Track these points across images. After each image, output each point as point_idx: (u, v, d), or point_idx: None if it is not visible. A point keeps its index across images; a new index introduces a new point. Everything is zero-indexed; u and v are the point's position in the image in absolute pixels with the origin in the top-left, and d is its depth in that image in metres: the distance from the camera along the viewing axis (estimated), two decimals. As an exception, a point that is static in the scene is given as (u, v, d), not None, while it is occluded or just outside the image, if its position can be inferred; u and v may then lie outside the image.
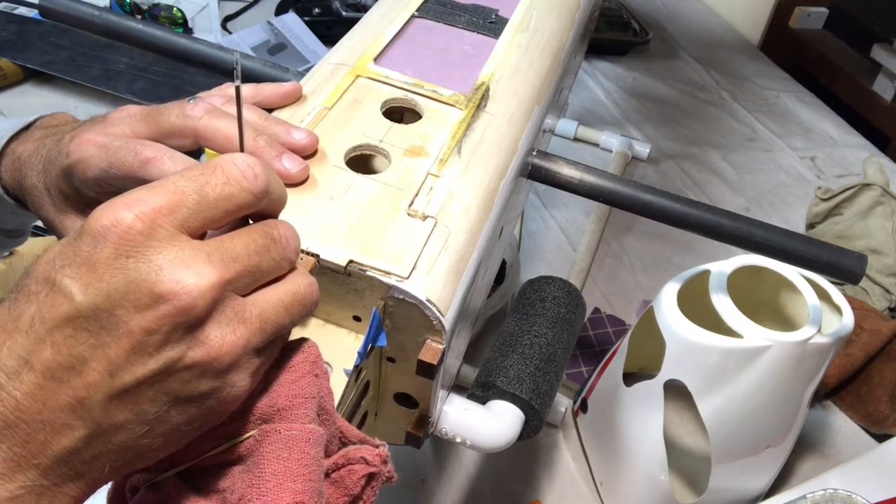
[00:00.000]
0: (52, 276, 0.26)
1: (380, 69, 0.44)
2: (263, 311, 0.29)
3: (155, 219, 0.26)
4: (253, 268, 0.28)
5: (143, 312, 0.25)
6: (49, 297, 0.26)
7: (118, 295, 0.25)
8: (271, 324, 0.29)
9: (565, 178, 0.49)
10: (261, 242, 0.29)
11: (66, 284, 0.25)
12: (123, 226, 0.26)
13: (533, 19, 0.52)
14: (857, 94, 1.41)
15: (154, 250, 0.26)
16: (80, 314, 0.25)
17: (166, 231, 0.26)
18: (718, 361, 0.57)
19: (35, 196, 0.41)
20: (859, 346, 0.79)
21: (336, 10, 1.21)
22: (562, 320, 0.48)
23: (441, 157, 0.40)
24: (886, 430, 0.78)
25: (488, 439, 0.42)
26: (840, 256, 0.47)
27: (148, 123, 0.39)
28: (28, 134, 0.43)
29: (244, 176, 0.28)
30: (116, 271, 0.25)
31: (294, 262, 0.31)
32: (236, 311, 0.28)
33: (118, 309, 0.25)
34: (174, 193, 0.27)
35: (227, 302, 0.27)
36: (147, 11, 1.15)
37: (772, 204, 1.11)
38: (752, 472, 0.65)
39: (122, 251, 0.26)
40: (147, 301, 0.25)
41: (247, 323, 0.28)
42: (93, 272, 0.25)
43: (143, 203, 0.26)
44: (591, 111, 1.24)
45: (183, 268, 0.26)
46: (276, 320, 0.29)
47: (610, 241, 0.99)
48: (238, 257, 0.28)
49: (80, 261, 0.26)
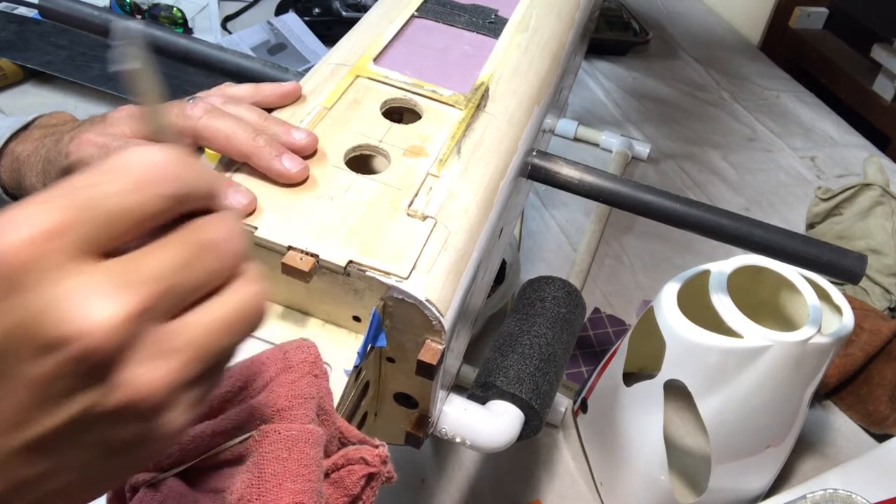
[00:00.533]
0: None
1: (379, 69, 0.44)
2: (194, 338, 0.23)
3: (43, 244, 0.21)
4: (176, 286, 0.23)
5: (40, 359, 0.21)
6: None
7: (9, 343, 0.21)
8: (206, 350, 0.24)
9: (565, 178, 0.49)
10: (185, 253, 0.23)
11: None
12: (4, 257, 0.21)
13: (533, 19, 0.52)
14: (857, 94, 1.41)
15: (46, 283, 0.21)
16: None
17: (58, 257, 0.21)
18: (718, 361, 0.57)
19: None
20: (859, 346, 0.79)
21: (336, 10, 1.21)
22: (562, 320, 0.48)
23: (441, 157, 0.40)
24: (886, 430, 0.78)
25: (488, 439, 0.42)
26: (840, 256, 0.47)
27: (147, 121, 0.39)
28: (27, 133, 0.43)
29: (154, 176, 0.23)
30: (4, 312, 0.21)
31: (235, 268, 0.25)
32: (158, 343, 0.23)
33: (10, 358, 0.21)
34: (66, 209, 0.21)
35: (144, 334, 0.22)
36: (147, 11, 1.15)
37: (772, 204, 1.11)
38: (752, 472, 0.65)
39: (7, 288, 0.21)
40: (43, 345, 0.21)
41: (173, 355, 0.23)
42: None
43: (26, 225, 0.21)
44: (591, 111, 1.24)
45: (83, 301, 0.21)
46: (212, 345, 0.24)
47: (610, 241, 0.99)
48: (155, 276, 0.22)
49: None
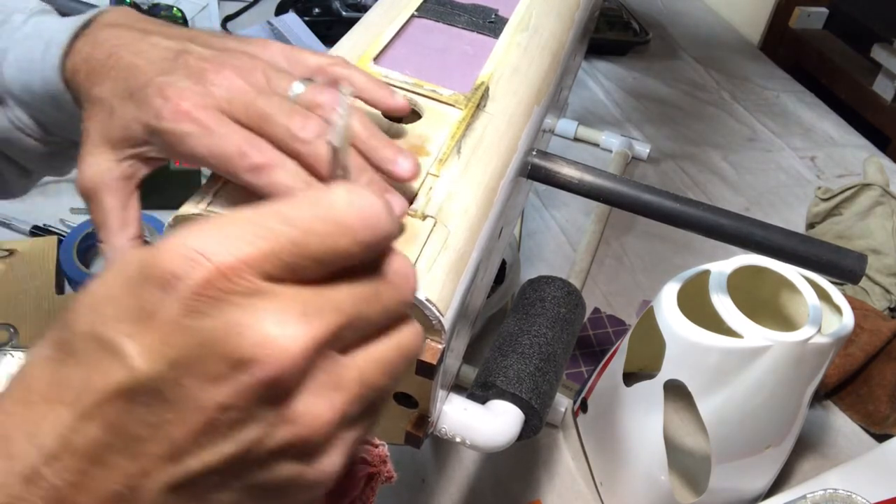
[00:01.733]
0: (103, 332, 0.20)
1: (379, 69, 0.44)
2: (364, 374, 0.22)
3: (239, 271, 0.20)
4: (358, 319, 0.22)
5: (218, 384, 0.20)
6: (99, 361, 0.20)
7: (188, 363, 0.20)
8: (371, 388, 0.23)
9: (565, 177, 0.49)
10: (369, 286, 0.23)
11: (122, 345, 0.20)
12: (199, 277, 0.20)
13: (532, 19, 0.52)
14: (857, 94, 1.41)
15: (235, 307, 0.20)
16: (139, 385, 0.20)
17: (251, 284, 0.20)
18: (718, 361, 0.57)
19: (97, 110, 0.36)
20: (859, 346, 0.79)
21: (336, 10, 1.21)
22: (562, 320, 0.48)
23: (440, 156, 0.40)
24: (886, 430, 0.78)
25: (488, 439, 0.42)
26: (840, 256, 0.47)
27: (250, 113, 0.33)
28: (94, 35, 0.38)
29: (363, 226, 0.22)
30: (187, 332, 0.20)
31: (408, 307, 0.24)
32: (332, 376, 0.22)
33: (186, 379, 0.20)
34: (266, 240, 0.21)
35: (322, 365, 0.21)
36: (147, 11, 1.15)
37: (772, 204, 1.11)
38: (752, 472, 0.65)
39: (194, 308, 0.20)
40: (223, 370, 0.20)
41: (343, 390, 0.22)
42: (156, 332, 0.20)
43: (227, 251, 0.20)
44: (591, 111, 1.24)
45: (270, 327, 0.20)
46: (377, 383, 0.23)
47: (610, 241, 0.99)
48: (340, 307, 0.22)
49: (140, 315, 0.20)
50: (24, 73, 0.39)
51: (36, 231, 0.84)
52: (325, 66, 0.38)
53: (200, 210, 0.35)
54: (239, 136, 0.32)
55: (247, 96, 0.33)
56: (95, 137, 0.36)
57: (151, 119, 0.34)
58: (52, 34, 0.39)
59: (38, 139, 0.42)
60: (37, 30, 0.40)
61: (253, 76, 0.35)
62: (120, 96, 0.35)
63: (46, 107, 0.40)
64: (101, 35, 0.38)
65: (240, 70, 0.35)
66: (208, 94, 0.33)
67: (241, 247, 0.20)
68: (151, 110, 0.34)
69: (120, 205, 0.37)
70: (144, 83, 0.34)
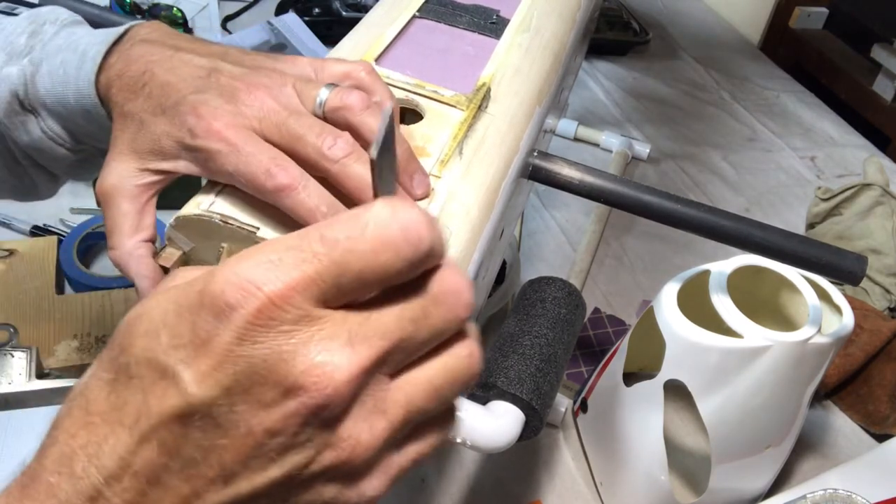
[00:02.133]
0: (160, 358, 0.21)
1: (381, 69, 0.44)
2: (410, 398, 0.23)
3: (290, 297, 0.21)
4: (406, 342, 0.22)
5: (268, 410, 0.21)
6: (157, 386, 0.21)
7: (240, 389, 0.21)
8: (416, 412, 0.23)
9: (565, 178, 0.49)
10: (418, 306, 0.23)
11: (178, 372, 0.21)
12: (252, 307, 0.21)
13: (534, 20, 0.52)
14: (857, 94, 1.41)
15: (284, 334, 0.21)
16: (194, 410, 0.21)
17: (300, 310, 0.21)
18: (718, 361, 0.57)
19: (128, 123, 0.36)
20: (859, 346, 0.79)
21: (336, 10, 1.21)
22: (562, 321, 0.48)
23: (442, 157, 0.40)
24: (886, 430, 0.78)
25: (488, 440, 0.42)
26: (840, 257, 0.47)
27: (282, 132, 0.33)
28: (127, 52, 0.38)
29: (405, 240, 0.22)
30: (239, 359, 0.21)
31: (461, 325, 0.24)
32: (378, 400, 0.22)
33: (239, 405, 0.21)
34: (311, 264, 0.21)
35: (369, 390, 0.22)
36: (147, 11, 1.15)
37: (772, 204, 1.11)
38: (752, 472, 0.65)
39: (247, 336, 0.21)
40: (274, 396, 0.21)
41: (388, 414, 0.22)
42: (211, 359, 0.21)
43: (276, 278, 0.21)
44: (591, 111, 1.24)
45: (318, 354, 0.21)
46: (423, 407, 0.23)
47: (610, 241, 0.99)
48: (387, 332, 0.22)
49: (196, 343, 0.21)
50: (59, 86, 0.40)
51: (36, 231, 0.84)
52: (350, 72, 0.38)
53: (202, 211, 0.35)
54: (266, 156, 0.33)
55: (278, 116, 0.34)
56: (123, 147, 0.37)
57: (185, 136, 0.34)
58: (85, 47, 0.39)
59: (69, 148, 0.43)
60: (70, 42, 0.40)
61: (283, 94, 0.35)
62: (152, 112, 0.36)
63: (78, 118, 0.41)
64: (135, 51, 0.38)
65: (270, 89, 0.35)
66: (240, 114, 0.34)
67: (289, 272, 0.21)
68: (185, 127, 0.34)
69: (135, 210, 0.38)
70: (177, 101, 0.35)
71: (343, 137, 0.33)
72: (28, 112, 0.42)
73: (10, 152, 0.44)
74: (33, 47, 0.41)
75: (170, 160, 0.36)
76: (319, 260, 0.21)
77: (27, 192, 0.48)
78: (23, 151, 0.44)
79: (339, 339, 0.21)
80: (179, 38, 0.40)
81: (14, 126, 0.42)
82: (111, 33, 0.39)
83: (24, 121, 0.42)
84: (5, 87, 0.41)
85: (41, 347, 0.68)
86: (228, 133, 0.33)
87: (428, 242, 0.22)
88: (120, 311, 0.73)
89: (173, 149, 0.35)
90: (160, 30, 0.40)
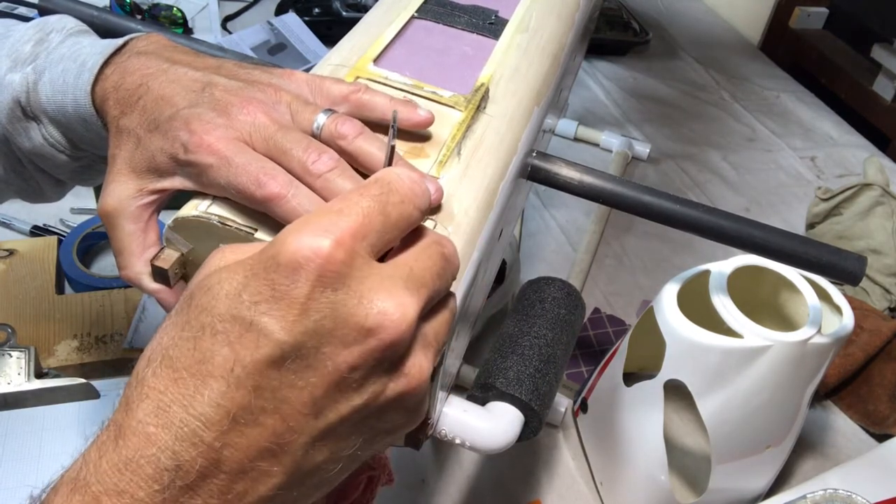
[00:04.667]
0: (245, 314, 0.24)
1: (379, 70, 0.44)
2: (438, 333, 0.28)
3: (353, 245, 0.25)
4: (436, 292, 0.27)
5: (350, 348, 0.24)
6: (245, 338, 0.24)
7: (324, 332, 0.24)
8: (443, 344, 0.28)
9: (565, 178, 0.49)
10: (440, 264, 0.28)
11: (266, 324, 0.24)
12: (323, 256, 0.24)
13: (532, 20, 0.52)
14: (857, 94, 1.41)
15: (356, 280, 0.24)
16: (285, 355, 0.24)
17: (363, 258, 0.25)
18: (718, 361, 0.57)
19: (124, 139, 0.37)
20: (859, 346, 0.79)
21: (336, 10, 1.21)
22: (561, 321, 0.48)
23: (440, 158, 0.40)
24: (886, 430, 0.78)
25: (488, 441, 0.42)
26: (839, 258, 0.47)
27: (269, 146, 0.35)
28: (124, 64, 0.39)
29: (414, 192, 0.27)
30: (321, 306, 0.24)
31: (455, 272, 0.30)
32: (424, 338, 0.27)
33: (325, 346, 0.24)
34: (362, 216, 0.25)
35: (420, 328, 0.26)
36: (147, 11, 1.15)
37: (772, 204, 1.11)
38: (752, 472, 0.65)
39: (324, 283, 0.24)
40: (355, 336, 0.24)
41: (432, 347, 0.27)
42: (295, 309, 0.24)
43: (338, 228, 0.25)
44: (591, 111, 1.24)
45: (386, 298, 0.25)
46: (445, 340, 0.29)
47: (610, 241, 0.99)
48: (426, 282, 0.27)
49: (277, 296, 0.24)
50: (58, 95, 0.40)
51: (36, 231, 0.84)
52: (349, 95, 0.39)
53: (200, 213, 0.35)
54: (256, 167, 0.33)
55: (267, 131, 0.35)
56: (121, 166, 0.37)
57: (179, 152, 0.35)
58: (85, 57, 0.40)
59: (69, 155, 0.44)
60: (73, 52, 0.41)
61: (277, 111, 0.36)
62: (147, 128, 0.36)
63: (77, 126, 0.41)
64: (131, 63, 0.39)
65: (264, 104, 0.36)
66: (231, 127, 0.35)
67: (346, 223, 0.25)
68: (178, 142, 0.35)
69: (139, 229, 0.38)
70: (171, 116, 0.36)
71: (328, 153, 0.34)
72: (30, 119, 0.42)
73: (14, 155, 0.45)
74: (38, 55, 0.42)
75: (167, 178, 0.37)
76: (368, 212, 0.26)
77: (34, 194, 0.48)
78: (26, 157, 0.44)
79: (398, 286, 0.25)
80: (176, 50, 0.40)
81: (17, 132, 0.43)
82: (110, 45, 0.40)
83: (26, 127, 0.42)
84: (8, 93, 0.41)
85: (41, 347, 0.68)
86: (220, 146, 0.34)
87: (427, 192, 0.28)
88: (120, 311, 0.73)
89: (169, 165, 0.36)
90: (158, 42, 0.41)
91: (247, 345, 0.24)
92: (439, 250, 0.28)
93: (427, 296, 0.26)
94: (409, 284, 0.26)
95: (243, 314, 0.24)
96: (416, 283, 0.26)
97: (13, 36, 0.43)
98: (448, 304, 0.29)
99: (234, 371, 0.23)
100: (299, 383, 0.24)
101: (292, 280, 0.24)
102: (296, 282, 0.24)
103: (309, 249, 0.24)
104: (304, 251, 0.24)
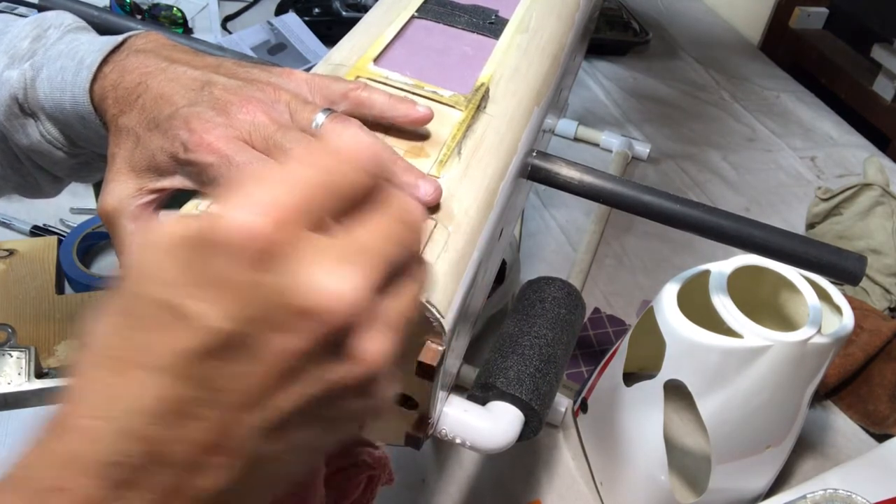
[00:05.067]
0: (173, 300, 0.22)
1: (379, 70, 0.44)
2: (399, 312, 0.25)
3: (290, 222, 0.22)
4: (390, 260, 0.24)
5: (288, 333, 0.22)
6: (175, 327, 0.22)
7: (259, 317, 0.22)
8: (408, 322, 0.25)
9: (565, 178, 0.49)
10: (396, 230, 0.25)
11: (195, 310, 0.22)
12: (257, 235, 0.22)
13: (532, 20, 0.52)
14: (857, 94, 1.41)
15: (293, 259, 0.22)
16: (217, 343, 0.22)
17: (301, 234, 0.23)
18: (718, 361, 0.57)
19: (123, 138, 0.37)
20: (859, 346, 0.79)
21: (336, 10, 1.21)
22: (562, 321, 0.48)
23: (441, 158, 0.40)
24: (886, 430, 0.78)
25: (488, 440, 0.42)
26: (839, 258, 0.47)
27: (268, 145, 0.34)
28: (123, 62, 0.39)
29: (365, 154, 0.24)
30: (253, 289, 0.22)
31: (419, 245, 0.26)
32: (378, 316, 0.24)
33: (261, 333, 0.22)
34: (303, 188, 0.23)
35: (373, 306, 0.24)
36: (147, 11, 1.15)
37: (772, 204, 1.10)
38: (752, 472, 0.65)
39: (257, 265, 0.22)
40: (292, 320, 0.22)
41: (389, 328, 0.24)
42: (226, 293, 0.22)
43: (276, 204, 0.22)
44: (591, 111, 1.24)
45: (324, 275, 0.22)
46: (411, 318, 0.25)
47: (610, 241, 0.99)
48: (377, 251, 0.24)
49: (207, 280, 0.22)
50: (56, 92, 0.40)
51: (36, 231, 0.84)
52: (347, 92, 0.39)
53: (201, 212, 0.35)
54: (256, 166, 0.33)
55: (267, 130, 0.35)
56: (121, 165, 0.37)
57: (179, 151, 0.35)
58: (83, 55, 0.40)
59: (67, 152, 0.44)
60: (71, 48, 0.41)
61: (276, 109, 0.36)
62: (146, 126, 0.36)
63: (75, 123, 0.41)
64: (130, 62, 0.39)
65: (263, 103, 0.36)
66: (231, 126, 0.35)
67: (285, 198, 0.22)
68: (177, 141, 0.35)
69: (140, 229, 0.38)
70: (170, 115, 0.35)
71: None
72: (27, 115, 0.42)
73: (11, 152, 0.45)
74: (36, 52, 0.41)
75: (167, 177, 0.37)
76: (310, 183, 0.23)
77: (32, 190, 0.48)
78: (23, 153, 0.44)
79: (339, 262, 0.23)
80: (175, 49, 0.40)
81: (14, 129, 0.42)
82: (109, 42, 0.40)
83: (23, 124, 0.42)
84: (6, 90, 0.41)
85: (41, 347, 0.68)
86: (220, 145, 0.34)
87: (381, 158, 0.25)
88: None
89: (169, 164, 0.36)
90: (157, 41, 0.40)
91: (177, 334, 0.22)
92: (397, 214, 0.25)
93: (379, 266, 0.24)
94: (354, 256, 0.23)
95: (171, 300, 0.22)
96: (363, 254, 0.23)
97: (10, 32, 0.42)
98: (415, 273, 0.26)
99: (169, 361, 0.22)
100: (238, 373, 0.22)
101: (227, 263, 0.22)
102: (226, 263, 0.22)
103: (241, 228, 0.22)
104: (236, 230, 0.22)
